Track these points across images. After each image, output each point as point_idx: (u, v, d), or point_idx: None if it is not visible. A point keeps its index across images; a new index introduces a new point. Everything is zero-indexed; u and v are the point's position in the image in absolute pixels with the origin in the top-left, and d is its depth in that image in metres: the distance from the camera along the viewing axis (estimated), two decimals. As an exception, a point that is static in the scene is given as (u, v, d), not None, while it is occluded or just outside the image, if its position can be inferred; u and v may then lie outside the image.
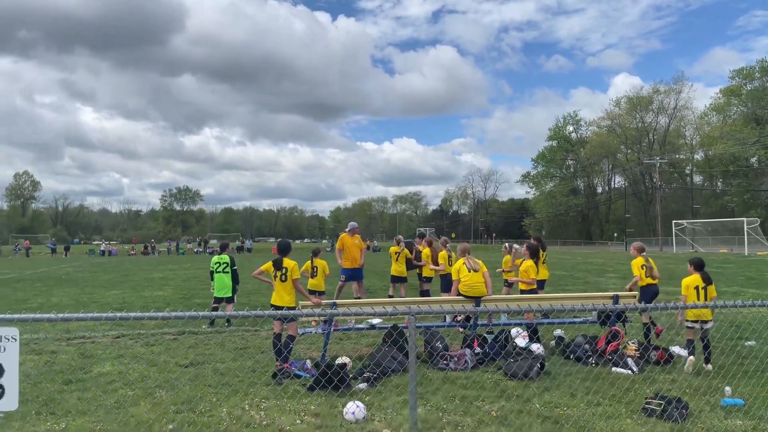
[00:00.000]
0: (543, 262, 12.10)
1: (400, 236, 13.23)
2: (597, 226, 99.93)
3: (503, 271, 11.56)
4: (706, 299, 7.31)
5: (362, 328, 8.53)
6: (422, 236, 14.01)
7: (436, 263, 11.74)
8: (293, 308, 7.32)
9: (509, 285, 11.27)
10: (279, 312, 4.29)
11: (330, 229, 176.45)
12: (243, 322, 10.78)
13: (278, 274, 7.46)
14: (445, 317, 9.37)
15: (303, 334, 8.37)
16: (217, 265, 11.03)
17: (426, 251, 12.32)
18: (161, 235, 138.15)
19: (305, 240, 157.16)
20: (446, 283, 10.84)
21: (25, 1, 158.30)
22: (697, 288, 7.34)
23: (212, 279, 11.08)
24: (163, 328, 10.14)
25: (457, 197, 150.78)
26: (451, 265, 11.02)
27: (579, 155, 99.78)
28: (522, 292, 8.68)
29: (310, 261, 10.23)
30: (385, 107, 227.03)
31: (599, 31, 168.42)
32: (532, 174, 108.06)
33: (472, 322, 8.30)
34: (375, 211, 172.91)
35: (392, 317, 9.05)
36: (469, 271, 8.69)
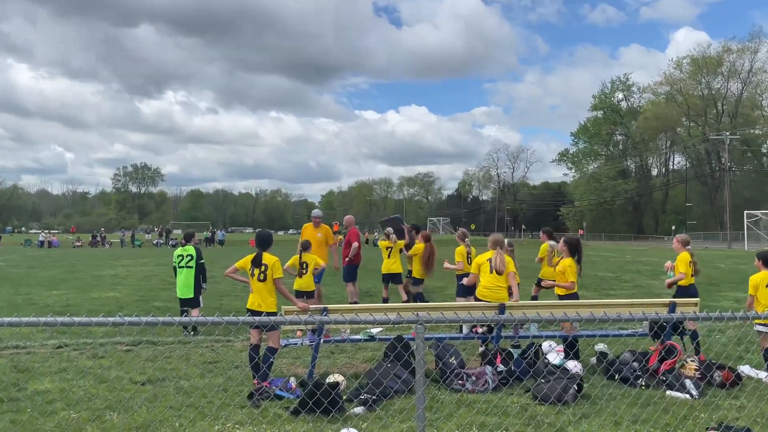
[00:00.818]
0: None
1: (390, 228, 13.33)
2: (650, 217, 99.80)
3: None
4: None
5: (359, 340, 8.56)
6: (417, 228, 14.21)
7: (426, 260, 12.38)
8: (274, 314, 7.35)
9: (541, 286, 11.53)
10: (257, 318, 4.31)
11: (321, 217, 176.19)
12: (213, 331, 10.82)
13: (256, 272, 7.48)
14: (461, 327, 9.40)
15: (286, 345, 8.40)
16: (180, 258, 11.12)
17: (419, 246, 12.75)
18: (113, 223, 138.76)
19: (290, 231, 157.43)
20: (464, 286, 10.87)
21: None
22: None
23: (176, 276, 11.15)
24: (115, 336, 10.20)
25: (479, 180, 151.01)
26: (470, 264, 11.11)
27: (630, 129, 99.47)
28: (559, 297, 8.69)
29: (297, 256, 10.27)
30: (389, 67, 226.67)
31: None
32: (571, 152, 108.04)
33: (494, 333, 8.32)
34: (377, 197, 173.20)
35: (396, 326, 9.08)
36: (491, 272, 8.76)
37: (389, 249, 13.19)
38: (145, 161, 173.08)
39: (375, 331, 8.82)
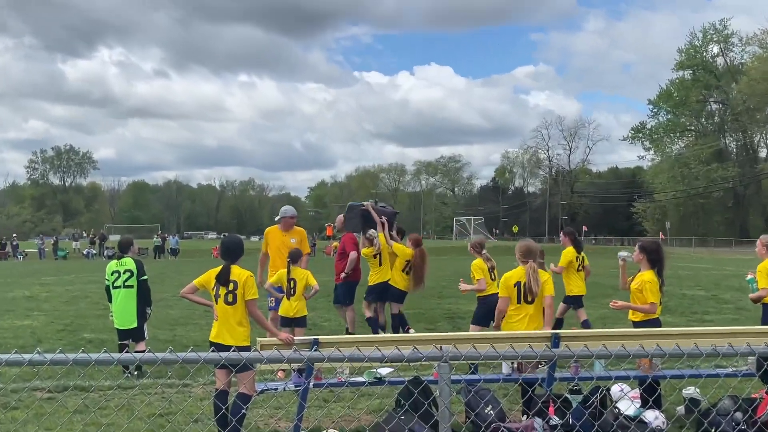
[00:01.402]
0: (578, 269, 13.45)
1: (373, 231, 13.43)
2: (758, 215, 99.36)
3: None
4: None
5: (362, 383, 8.57)
6: (401, 231, 14.50)
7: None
8: (247, 348, 7.37)
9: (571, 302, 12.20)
10: (224, 355, 4.31)
11: (309, 217, 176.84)
12: (164, 372, 10.86)
13: (222, 292, 7.52)
14: (501, 365, 9.38)
15: (264, 391, 8.42)
16: (116, 275, 11.10)
17: (407, 251, 13.19)
18: (29, 226, 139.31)
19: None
20: (485, 310, 10.98)
21: None
22: None
23: (110, 300, 11.18)
24: (33, 380, 10.24)
25: (523, 165, 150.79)
26: (494, 281, 11.27)
27: (729, 95, 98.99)
28: (634, 324, 8.68)
29: (284, 271, 10.32)
30: (401, 14, 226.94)
31: None
32: (648, 126, 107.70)
33: (545, 373, 8.31)
34: (385, 189, 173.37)
35: (412, 364, 9.07)
36: (519, 302, 8.82)
37: (376, 256, 13.27)
38: (70, 143, 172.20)
39: (384, 371, 8.82)
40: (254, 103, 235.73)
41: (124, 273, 11.10)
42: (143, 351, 10.64)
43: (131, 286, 11.03)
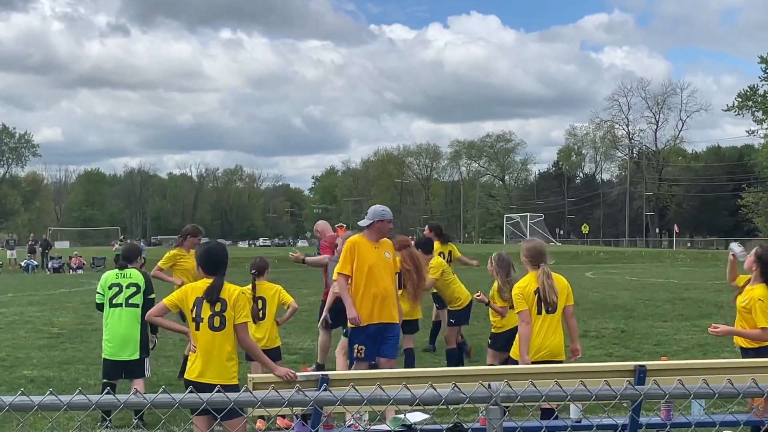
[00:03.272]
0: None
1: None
2: None
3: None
4: None
5: (386, 432, 8.58)
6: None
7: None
8: (236, 388, 7.39)
9: None
10: (206, 397, 4.33)
11: (314, 215, 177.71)
12: (127, 419, 10.93)
13: (206, 314, 7.57)
14: (569, 407, 9.39)
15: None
16: (115, 290, 11.01)
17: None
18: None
19: (260, 241, 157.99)
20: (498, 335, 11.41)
21: None
22: None
23: (104, 320, 11.12)
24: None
25: (594, 145, 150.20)
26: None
27: None
28: (743, 352, 8.66)
29: (250, 288, 10.42)
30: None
31: None
32: (761, 92, 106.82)
33: (628, 416, 8.29)
34: (413, 177, 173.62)
35: (450, 408, 9.08)
36: (540, 312, 9.01)
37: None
38: (2, 122, 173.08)
39: (414, 417, 8.83)
40: (240, 67, 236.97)
41: (127, 287, 10.84)
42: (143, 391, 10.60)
43: (135, 305, 10.73)
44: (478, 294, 12.36)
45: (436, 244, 15.20)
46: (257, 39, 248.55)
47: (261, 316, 10.43)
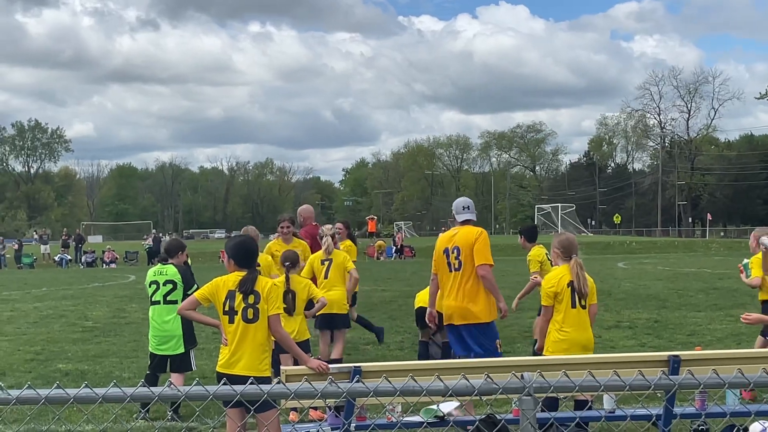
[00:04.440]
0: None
1: (328, 225, 13.85)
2: None
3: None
4: None
5: (419, 424, 8.57)
6: (346, 225, 15.30)
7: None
8: (268, 380, 7.41)
9: None
10: (240, 389, 4.33)
11: (345, 207, 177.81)
12: (162, 411, 11.01)
13: (240, 307, 7.59)
14: (602, 397, 9.35)
15: (291, 436, 8.46)
16: (154, 287, 11.04)
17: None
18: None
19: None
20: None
21: None
22: None
23: (150, 317, 11.20)
24: (-6, 424, 10.42)
25: (626, 135, 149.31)
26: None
27: None
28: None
29: (283, 280, 10.49)
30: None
31: None
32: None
33: (662, 406, 8.24)
34: (443, 169, 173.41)
35: (483, 399, 9.06)
36: (574, 306, 8.96)
37: (326, 263, 12.96)
38: (35, 117, 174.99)
39: (447, 407, 8.82)
40: (269, 61, 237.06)
41: (164, 285, 10.92)
42: (182, 384, 10.60)
43: (174, 302, 10.83)
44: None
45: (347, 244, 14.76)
46: (286, 32, 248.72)
47: (291, 309, 10.44)
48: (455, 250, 10.28)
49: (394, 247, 65.61)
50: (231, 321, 7.59)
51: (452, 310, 10.17)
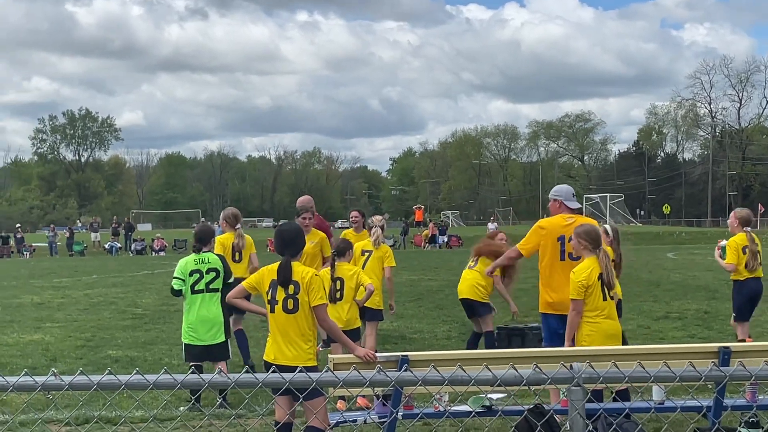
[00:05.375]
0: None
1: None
2: None
3: None
4: None
5: (466, 414, 8.56)
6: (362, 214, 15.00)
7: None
8: (314, 369, 7.42)
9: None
10: (289, 377, 4.34)
11: (392, 197, 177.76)
12: (211, 399, 11.07)
13: (281, 297, 7.63)
14: (651, 388, 9.28)
15: (339, 424, 8.48)
16: (196, 276, 11.08)
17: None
18: (36, 214, 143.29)
19: (338, 223, 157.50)
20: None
21: None
22: None
23: (186, 306, 11.21)
24: (47, 410, 10.51)
25: (676, 124, 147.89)
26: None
27: None
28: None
29: (327, 269, 10.51)
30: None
31: None
32: None
33: (712, 398, 8.18)
34: (491, 158, 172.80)
35: (533, 388, 9.03)
36: (605, 299, 9.00)
37: (366, 254, 12.87)
38: (86, 107, 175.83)
39: (495, 396, 8.81)
40: (318, 49, 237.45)
41: (207, 273, 10.94)
42: (227, 370, 10.66)
43: (216, 290, 10.88)
44: None
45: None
46: (334, 21, 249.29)
47: (339, 296, 10.44)
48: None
49: (443, 237, 65.42)
50: (272, 310, 7.65)
51: (563, 299, 9.98)
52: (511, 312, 13.12)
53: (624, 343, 9.47)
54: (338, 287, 10.48)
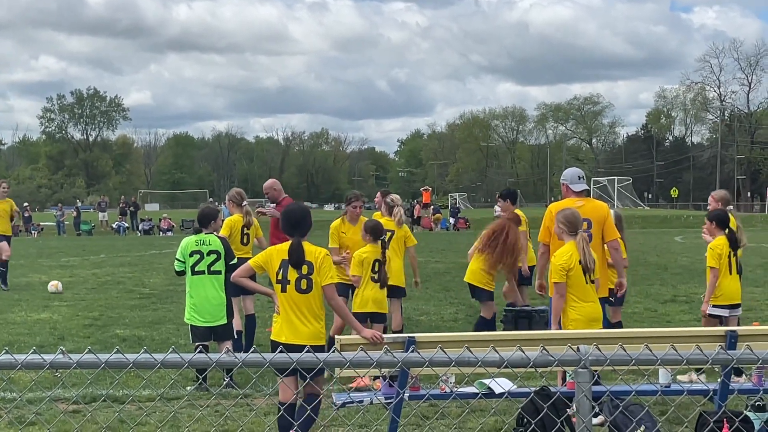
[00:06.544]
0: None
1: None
2: None
3: None
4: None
5: (473, 395, 8.58)
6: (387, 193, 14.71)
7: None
8: (322, 349, 7.45)
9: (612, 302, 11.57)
10: (296, 357, 4.35)
11: (399, 178, 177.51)
12: (217, 379, 11.09)
13: (293, 277, 7.66)
14: (657, 371, 9.29)
15: (345, 405, 8.50)
16: (196, 257, 11.09)
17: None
18: (44, 193, 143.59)
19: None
20: None
21: None
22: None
23: (187, 287, 11.22)
24: (54, 388, 10.55)
25: (684, 107, 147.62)
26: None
27: None
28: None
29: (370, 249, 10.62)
30: None
31: None
32: None
33: (719, 382, 8.18)
34: (498, 141, 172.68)
35: (539, 371, 9.04)
36: (587, 282, 9.08)
37: (388, 233, 12.65)
38: (94, 86, 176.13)
39: (501, 382, 8.82)
40: (325, 30, 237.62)
41: (208, 255, 10.96)
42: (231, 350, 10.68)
43: (218, 272, 10.89)
44: None
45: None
46: (342, 1, 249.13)
47: (376, 278, 10.55)
48: (586, 222, 9.99)
49: (452, 219, 65.81)
50: (283, 290, 7.66)
51: None
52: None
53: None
54: (375, 270, 10.57)
